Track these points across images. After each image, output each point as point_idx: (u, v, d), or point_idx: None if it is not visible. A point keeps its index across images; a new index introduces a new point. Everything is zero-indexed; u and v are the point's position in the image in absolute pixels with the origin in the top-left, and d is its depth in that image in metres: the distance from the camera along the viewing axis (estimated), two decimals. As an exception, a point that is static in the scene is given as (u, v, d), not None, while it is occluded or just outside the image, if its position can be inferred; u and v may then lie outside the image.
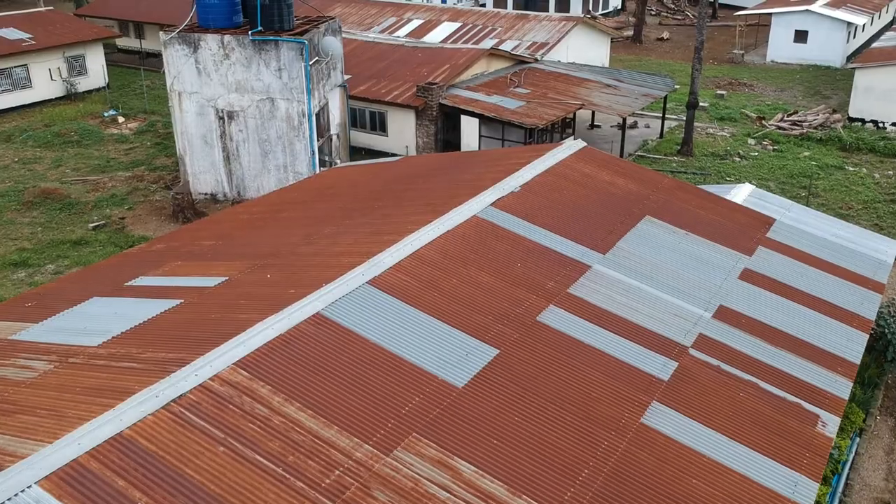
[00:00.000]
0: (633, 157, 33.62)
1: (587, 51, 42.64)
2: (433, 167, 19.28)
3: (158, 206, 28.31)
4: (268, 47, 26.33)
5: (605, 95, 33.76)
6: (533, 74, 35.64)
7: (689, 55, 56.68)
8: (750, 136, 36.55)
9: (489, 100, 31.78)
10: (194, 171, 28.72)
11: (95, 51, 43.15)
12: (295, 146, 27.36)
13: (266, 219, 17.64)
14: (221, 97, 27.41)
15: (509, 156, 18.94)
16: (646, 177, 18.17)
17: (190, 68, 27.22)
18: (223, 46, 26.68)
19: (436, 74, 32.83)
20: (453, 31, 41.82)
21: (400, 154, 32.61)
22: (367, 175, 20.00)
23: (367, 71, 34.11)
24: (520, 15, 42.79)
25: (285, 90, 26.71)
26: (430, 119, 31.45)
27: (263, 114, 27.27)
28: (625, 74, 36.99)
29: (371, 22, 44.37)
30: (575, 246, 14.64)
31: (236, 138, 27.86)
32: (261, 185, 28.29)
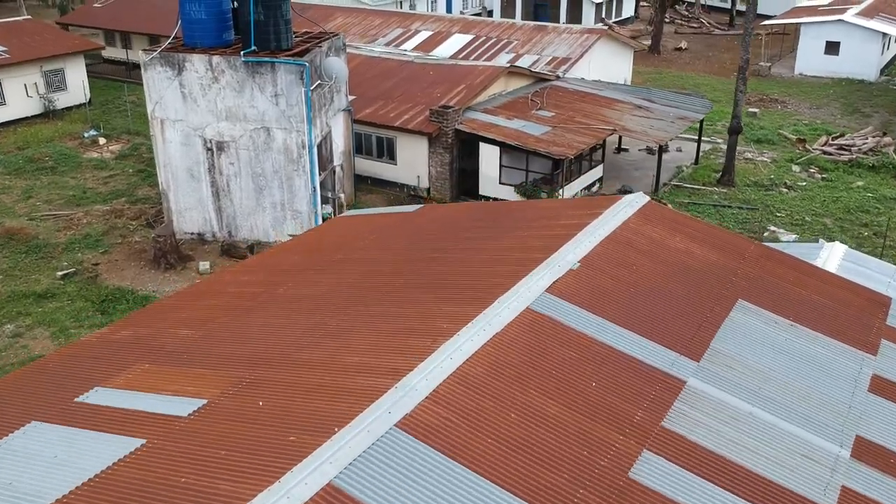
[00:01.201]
0: (668, 186, 30.32)
1: (609, 65, 39.35)
2: (463, 225, 15.92)
3: (138, 248, 24.92)
4: (262, 70, 22.98)
5: (637, 119, 30.44)
6: (556, 94, 32.33)
7: (711, 67, 53.53)
8: (794, 161, 33.27)
9: (511, 125, 28.45)
10: (179, 208, 25.34)
11: (76, 64, 39.73)
12: (293, 182, 24.00)
13: (258, 295, 14.26)
14: (210, 126, 24.05)
15: (556, 213, 15.60)
16: (726, 242, 14.83)
17: (174, 93, 23.86)
18: (211, 68, 23.32)
19: (450, 96, 29.50)
20: (465, 45, 38.49)
21: (410, 185, 29.28)
22: (382, 232, 16.63)
23: (372, 91, 30.77)
24: (537, 27, 39.47)
25: (283, 119, 23.36)
26: (444, 147, 28.11)
27: (258, 145, 23.91)
28: (657, 94, 33.68)
29: (375, 33, 41.03)
30: (660, 350, 11.30)
31: (227, 172, 24.50)
32: (254, 225, 24.92)
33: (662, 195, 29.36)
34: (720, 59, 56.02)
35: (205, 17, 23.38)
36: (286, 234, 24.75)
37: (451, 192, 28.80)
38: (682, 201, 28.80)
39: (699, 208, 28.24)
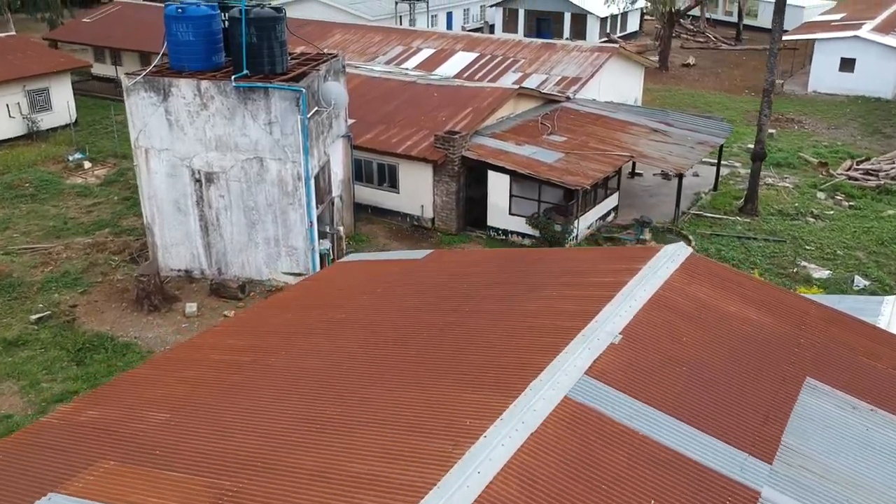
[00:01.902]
0: (687, 215, 28.52)
1: (619, 84, 37.62)
2: (479, 279, 14.06)
3: (120, 287, 23.04)
4: (255, 96, 21.17)
5: (654, 144, 28.67)
6: (567, 116, 30.56)
7: (721, 83, 51.86)
8: (818, 188, 31.50)
9: (521, 151, 26.64)
10: (165, 244, 23.47)
11: (62, 83, 37.91)
12: (289, 216, 22.16)
13: (245, 367, 12.38)
14: (198, 155, 22.21)
15: (586, 267, 13.74)
16: (781, 302, 12.97)
17: (159, 120, 22.04)
18: (200, 94, 21.51)
19: (456, 120, 27.70)
20: (469, 63, 36.73)
21: (414, 215, 27.44)
22: (387, 284, 14.75)
23: (373, 114, 28.98)
24: (545, 45, 37.73)
25: (277, 148, 21.53)
26: (450, 175, 26.29)
27: (250, 176, 22.08)
28: (673, 116, 31.93)
29: (375, 51, 39.28)
30: (724, 449, 9.41)
31: (216, 205, 22.65)
32: (246, 262, 23.05)
33: (682, 226, 27.55)
34: (730, 75, 54.37)
35: (193, 39, 21.58)
36: (280, 271, 22.89)
37: (458, 223, 26.97)
38: (703, 232, 26.99)
39: (722, 240, 26.43)
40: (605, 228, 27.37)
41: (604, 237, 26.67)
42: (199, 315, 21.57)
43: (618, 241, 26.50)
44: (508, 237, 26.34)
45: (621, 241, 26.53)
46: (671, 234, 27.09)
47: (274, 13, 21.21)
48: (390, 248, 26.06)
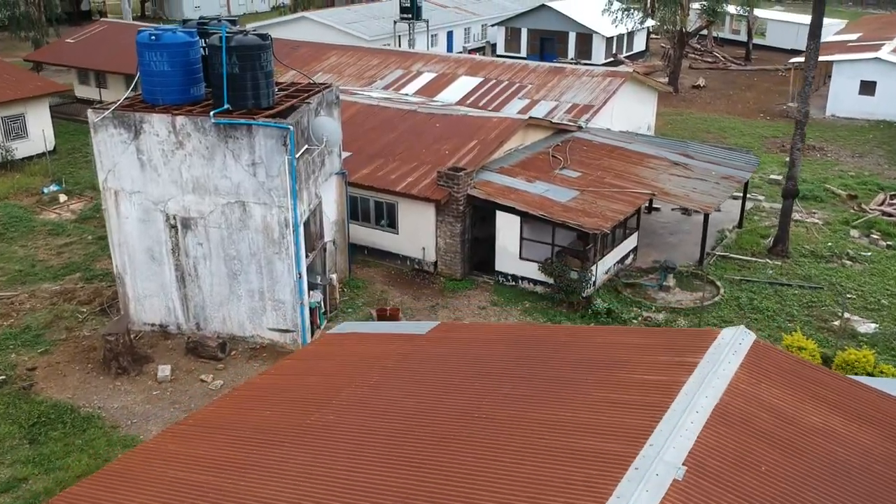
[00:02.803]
0: (712, 256, 26.15)
1: (632, 110, 35.37)
2: (495, 369, 11.64)
3: (86, 345, 20.59)
4: (237, 134, 18.82)
5: (676, 179, 26.34)
6: (579, 148, 28.25)
7: (734, 107, 49.64)
8: (851, 225, 29.17)
9: (532, 189, 24.29)
10: (137, 295, 21.07)
11: (39, 109, 35.57)
12: (275, 266, 19.76)
13: (205, 490, 9.93)
14: (173, 199, 19.85)
15: (625, 357, 11.31)
16: (870, 406, 10.60)
17: (130, 160, 19.69)
18: (175, 131, 19.17)
19: (461, 154, 25.37)
20: (473, 89, 34.47)
21: (414, 258, 25.04)
22: (383, 371, 12.31)
23: (370, 146, 26.65)
24: (553, 69, 35.48)
25: (262, 192, 19.17)
26: (454, 215, 23.93)
27: (231, 222, 19.70)
28: (694, 148, 29.61)
29: (373, 75, 37.01)
30: None
31: (194, 254, 20.26)
32: (227, 316, 20.64)
33: (709, 270, 25.19)
34: (742, 97, 52.18)
35: (168, 69, 19.26)
36: (266, 327, 20.47)
37: (463, 268, 24.57)
38: (732, 278, 24.62)
39: (754, 287, 24.05)
40: (624, 273, 24.99)
41: (623, 283, 24.27)
42: (172, 380, 19.11)
43: (639, 288, 24.11)
44: (519, 284, 23.95)
45: (643, 288, 24.14)
46: (697, 280, 24.72)
47: (258, 41, 18.91)
48: (389, 295, 23.65)
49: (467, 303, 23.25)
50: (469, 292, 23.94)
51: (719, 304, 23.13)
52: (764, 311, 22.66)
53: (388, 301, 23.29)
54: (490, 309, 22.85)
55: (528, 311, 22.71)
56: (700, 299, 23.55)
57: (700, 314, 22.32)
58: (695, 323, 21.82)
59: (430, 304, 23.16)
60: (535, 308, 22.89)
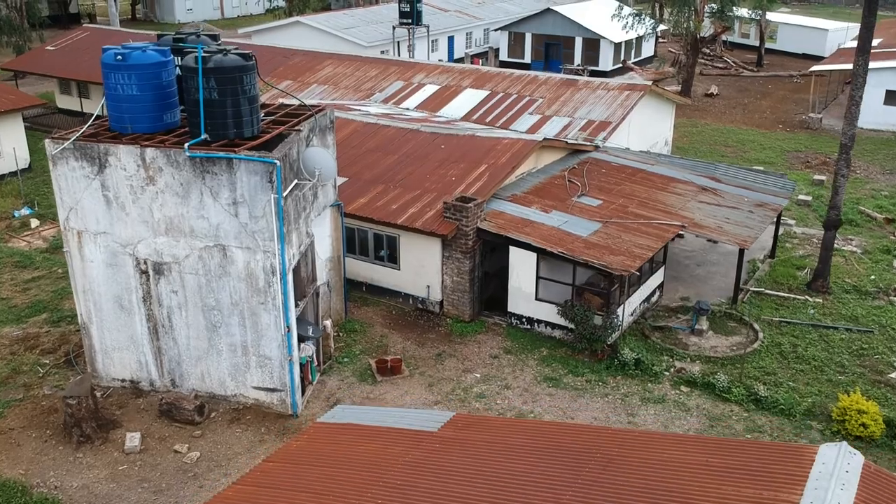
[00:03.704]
0: (746, 292, 23.70)
1: (650, 124, 32.95)
2: (518, 492, 9.16)
3: (47, 407, 18.10)
4: (216, 169, 16.34)
5: (706, 208, 23.87)
6: (598, 171, 25.79)
7: (751, 117, 47.19)
8: (893, 254, 26.73)
9: (549, 221, 21.83)
10: (105, 348, 18.59)
11: (12, 124, 33.08)
12: (260, 318, 17.28)
13: None
14: (144, 241, 17.37)
15: (696, 490, 8.83)
16: None
17: (94, 197, 17.21)
18: (144, 165, 16.69)
19: (468, 181, 22.90)
20: (479, 103, 32.00)
21: (418, 297, 22.58)
22: (388, 488, 9.83)
23: (369, 171, 24.18)
24: (565, 81, 32.99)
25: (244, 234, 16.70)
26: (463, 251, 21.47)
27: (210, 268, 17.22)
28: (723, 170, 27.14)
29: (371, 87, 34.50)
30: None
31: (168, 302, 17.78)
32: (206, 373, 18.16)
33: (743, 309, 22.75)
34: (758, 107, 49.75)
35: (137, 94, 16.76)
36: (250, 386, 18.00)
37: (472, 308, 22.11)
38: (770, 319, 22.18)
39: (795, 330, 21.63)
40: (651, 313, 22.55)
41: (651, 325, 21.83)
42: (142, 450, 16.63)
43: (669, 332, 21.66)
44: (534, 327, 21.49)
45: (673, 332, 21.69)
46: (732, 321, 22.28)
47: (240, 61, 16.41)
48: (389, 340, 21.18)
49: (477, 350, 20.78)
50: (479, 336, 21.47)
51: (759, 351, 20.68)
52: (810, 361, 20.22)
53: (388, 348, 20.82)
54: (503, 358, 20.38)
55: (545, 361, 20.24)
56: (737, 345, 21.11)
57: (740, 365, 19.86)
58: (735, 377, 19.36)
59: (436, 351, 20.70)
60: (554, 356, 20.42)
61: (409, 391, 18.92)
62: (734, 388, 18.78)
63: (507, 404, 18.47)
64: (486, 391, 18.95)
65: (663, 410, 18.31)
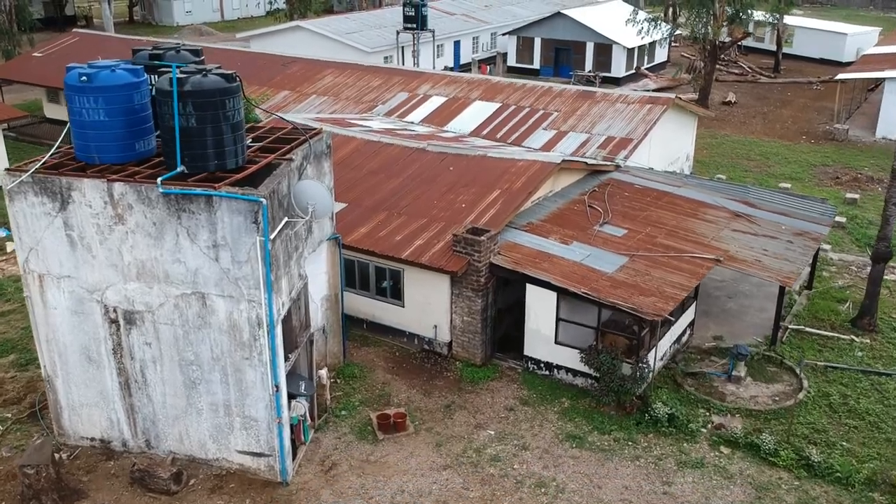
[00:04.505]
0: (786, 331, 21.53)
1: (671, 139, 30.80)
2: None
3: (5, 472, 15.97)
4: (193, 207, 14.23)
5: (741, 237, 21.70)
6: (620, 194, 23.64)
7: (772, 127, 44.94)
8: (942, 285, 24.56)
9: (569, 254, 19.69)
10: (72, 403, 16.49)
11: (-9, 138, 31.07)
12: (244, 375, 15.17)
13: None
14: (113, 287, 15.26)
15: None
16: None
17: (56, 236, 15.11)
18: (112, 202, 14.58)
19: (480, 208, 20.76)
20: (489, 116, 29.86)
21: (424, 337, 20.46)
22: None
23: (370, 196, 22.06)
24: (582, 94, 30.83)
25: (226, 282, 14.58)
26: (474, 288, 19.33)
27: (188, 318, 15.11)
28: (755, 193, 24.95)
29: (374, 99, 32.38)
30: None
31: (141, 356, 15.67)
32: (185, 433, 16.04)
33: (784, 351, 20.58)
34: (779, 116, 47.53)
35: (105, 119, 14.65)
36: (234, 449, 15.88)
37: (484, 351, 19.97)
38: (814, 363, 20.01)
39: (844, 377, 19.46)
40: (682, 356, 20.39)
41: (683, 370, 19.66)
42: (109, 528, 14.56)
43: (703, 378, 19.51)
44: (554, 373, 19.35)
45: (707, 378, 19.54)
46: (771, 365, 20.11)
47: (222, 83, 14.28)
48: (392, 389, 19.04)
49: (491, 401, 18.63)
50: (492, 384, 19.32)
51: (805, 403, 18.51)
52: (864, 416, 18.05)
53: (391, 398, 18.68)
54: (520, 411, 18.22)
55: (567, 414, 18.08)
56: (780, 395, 18.94)
57: (787, 422, 17.68)
58: (781, 436, 17.19)
59: (445, 402, 18.55)
60: (577, 409, 18.27)
61: (415, 452, 16.77)
62: (782, 451, 16.60)
63: (525, 469, 16.31)
64: (501, 452, 16.79)
65: (703, 477, 16.14)
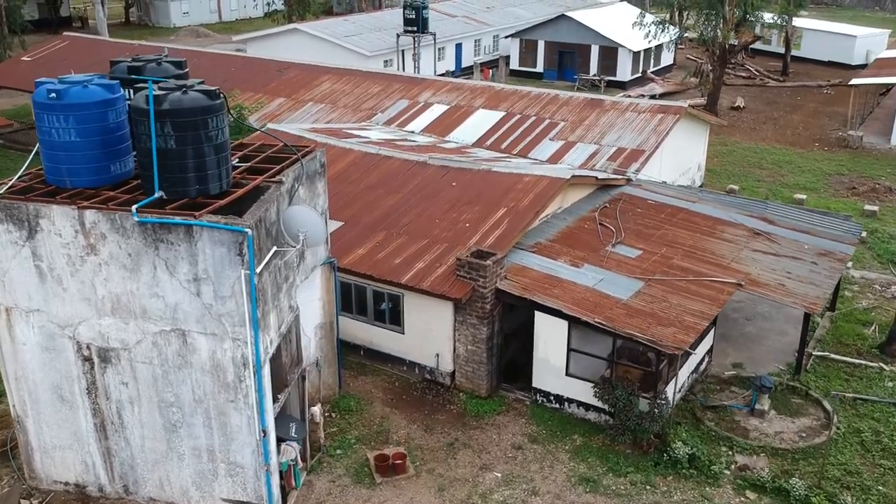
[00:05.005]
0: (809, 357, 20.24)
1: (683, 150, 29.52)
2: None
3: (-32, 521, 14.79)
4: (171, 237, 12.95)
5: (762, 259, 20.40)
6: (632, 210, 22.36)
7: (783, 134, 43.62)
8: (973, 306, 23.26)
9: (581, 279, 18.41)
10: (44, 445, 15.22)
11: (-27, 148, 29.79)
12: (229, 419, 13.89)
13: None
14: (86, 322, 13.99)
15: None
16: None
17: (24, 267, 13.83)
18: (84, 231, 13.31)
19: (485, 228, 19.48)
20: (493, 126, 28.57)
21: (425, 366, 19.18)
22: None
23: (368, 213, 20.79)
24: (590, 102, 29.52)
25: (208, 318, 13.31)
26: (479, 316, 18.05)
27: (167, 357, 13.84)
28: (774, 209, 23.66)
29: (373, 107, 31.09)
30: None
31: (118, 396, 14.40)
32: (165, 479, 14.77)
33: (809, 381, 19.31)
34: (789, 121, 46.20)
35: (77, 140, 13.40)
36: (219, 497, 14.61)
37: (489, 382, 18.69)
38: (842, 394, 18.72)
39: (875, 411, 18.17)
40: (700, 387, 19.11)
41: (701, 403, 18.38)
42: (80, 588, 13.29)
43: (723, 412, 18.23)
44: (564, 407, 18.07)
45: (728, 411, 18.26)
46: (796, 397, 18.83)
47: (204, 100, 13.01)
48: (391, 424, 17.76)
49: (497, 437, 17.34)
50: (499, 418, 18.03)
51: (835, 441, 17.22)
52: (899, 455, 16.80)
53: (389, 434, 17.40)
54: (528, 449, 16.93)
55: (580, 453, 16.79)
56: (807, 431, 17.66)
57: (818, 463, 16.40)
58: (812, 479, 15.91)
59: (448, 439, 17.26)
60: (590, 447, 16.98)
61: (415, 498, 15.49)
62: (813, 497, 15.31)
63: (535, 518, 15.06)
64: (508, 498, 15.51)
65: (728, 527, 14.89)
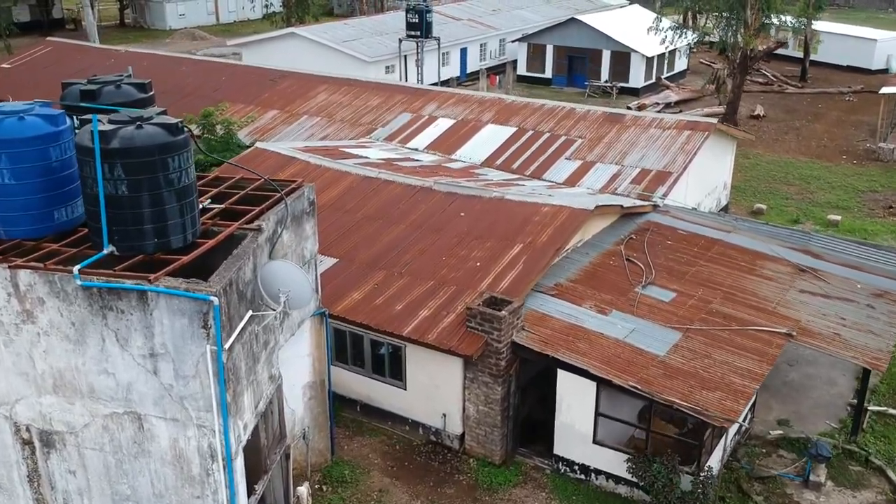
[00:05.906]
0: (866, 413, 17.82)
1: (709, 168, 27.08)
2: None
3: None
4: (123, 304, 10.59)
5: (812, 302, 17.98)
6: (662, 242, 19.97)
7: (807, 145, 41.13)
8: None
9: (609, 329, 16.03)
10: (-20, 539, 12.92)
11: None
12: (197, 517, 11.56)
13: None
14: (24, 400, 11.64)
15: None
16: None
17: (-53, 335, 11.52)
18: (18, 294, 10.96)
19: (499, 269, 17.10)
20: (504, 143, 26.15)
21: (430, 427, 16.80)
22: None
23: (365, 248, 18.43)
24: (609, 117, 27.08)
25: (168, 401, 10.95)
26: (493, 373, 15.68)
27: (120, 444, 11.50)
28: (818, 241, 21.24)
29: (372, 120, 28.71)
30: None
31: (64, 486, 12.05)
32: (125, 582, 12.45)
33: (868, 443, 16.94)
34: (812, 131, 43.73)
35: (12, 183, 11.07)
36: None
37: (504, 448, 16.31)
38: (908, 461, 16.38)
39: (948, 482, 15.81)
40: (745, 451, 16.73)
41: (748, 474, 16.00)
42: None
43: (773, 484, 15.84)
44: (591, 478, 15.70)
45: (777, 483, 15.88)
46: (854, 463, 16.46)
47: (164, 136, 10.66)
48: (391, 497, 15.39)
49: (514, 517, 15.02)
50: (515, 491, 15.66)
51: (907, 522, 14.89)
52: (983, 541, 14.42)
53: (390, 513, 15.08)
54: (551, 533, 14.61)
55: (610, 538, 14.47)
56: (872, 509, 15.32)
57: (889, 553, 14.07)
58: (886, 575, 13.57)
59: (457, 519, 14.95)
60: (621, 530, 14.66)
61: None
62: None
63: None
64: None
65: None
